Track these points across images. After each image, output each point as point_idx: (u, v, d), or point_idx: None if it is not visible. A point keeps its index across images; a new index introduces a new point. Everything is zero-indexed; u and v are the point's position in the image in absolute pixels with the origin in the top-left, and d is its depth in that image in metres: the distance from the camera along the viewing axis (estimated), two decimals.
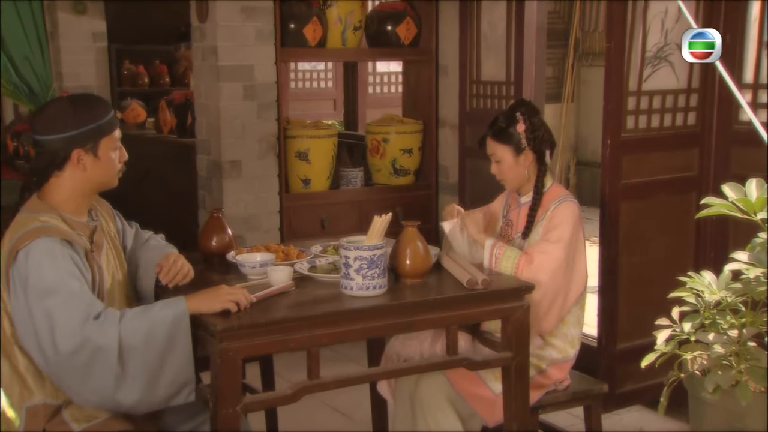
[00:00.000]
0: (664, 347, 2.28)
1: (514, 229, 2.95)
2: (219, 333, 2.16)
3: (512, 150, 2.87)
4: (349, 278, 2.41)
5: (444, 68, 4.75)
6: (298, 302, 2.40)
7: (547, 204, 2.87)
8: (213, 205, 4.38)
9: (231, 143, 4.35)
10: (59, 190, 2.30)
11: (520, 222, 2.92)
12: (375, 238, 2.46)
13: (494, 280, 2.57)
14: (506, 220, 3.01)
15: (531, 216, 2.88)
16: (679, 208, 3.57)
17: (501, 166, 2.91)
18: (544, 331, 2.81)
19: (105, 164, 2.32)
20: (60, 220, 2.25)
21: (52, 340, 2.10)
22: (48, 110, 2.31)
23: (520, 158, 2.87)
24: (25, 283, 2.14)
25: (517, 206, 2.97)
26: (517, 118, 2.87)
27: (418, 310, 2.44)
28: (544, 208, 2.86)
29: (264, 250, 2.80)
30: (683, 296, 2.30)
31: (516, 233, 2.93)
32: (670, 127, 3.58)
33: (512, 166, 2.89)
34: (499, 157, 2.90)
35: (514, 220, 2.97)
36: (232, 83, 4.29)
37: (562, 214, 2.82)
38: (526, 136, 2.86)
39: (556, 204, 2.85)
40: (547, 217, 2.84)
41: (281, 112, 4.43)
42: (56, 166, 2.28)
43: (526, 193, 2.94)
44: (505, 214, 3.04)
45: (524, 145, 2.86)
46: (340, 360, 3.98)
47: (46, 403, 2.21)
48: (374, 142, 4.89)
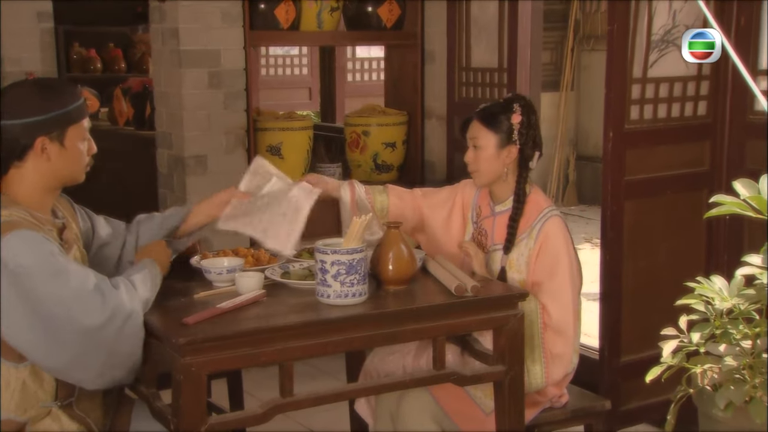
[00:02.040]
0: (671, 360, 2.29)
1: (490, 239, 2.93)
2: (181, 347, 2.16)
3: (498, 139, 2.85)
4: (325, 285, 2.41)
5: (430, 54, 4.77)
6: (269, 312, 2.41)
7: (529, 216, 2.85)
8: (175, 204, 4.37)
9: (195, 136, 4.34)
10: (20, 183, 2.28)
11: (497, 233, 2.90)
12: (354, 240, 2.46)
13: (485, 287, 2.59)
14: (478, 228, 2.98)
15: (512, 227, 2.85)
16: (688, 207, 3.60)
17: (478, 154, 2.87)
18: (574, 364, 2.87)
19: (72, 155, 2.31)
20: (28, 215, 2.24)
21: (71, 319, 2.14)
22: (9, 93, 2.29)
23: (503, 152, 2.85)
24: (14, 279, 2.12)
25: (492, 214, 2.94)
26: (514, 108, 2.86)
27: (402, 320, 2.45)
28: (527, 222, 2.85)
29: (232, 255, 2.81)
30: (691, 304, 2.31)
31: (492, 245, 2.92)
32: (678, 118, 3.61)
33: (491, 158, 2.86)
34: (480, 143, 2.86)
35: (488, 229, 2.94)
36: (195, 70, 4.28)
37: (554, 240, 2.79)
38: (519, 130, 2.85)
39: (540, 221, 2.82)
40: (534, 239, 2.81)
41: (251, 102, 4.43)
42: (17, 155, 2.26)
43: (501, 201, 2.91)
44: (475, 219, 3.01)
45: (514, 138, 2.84)
46: (316, 376, 3.98)
47: (10, 418, 2.22)
48: (354, 135, 4.90)
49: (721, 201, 2.29)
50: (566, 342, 2.79)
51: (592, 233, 7.24)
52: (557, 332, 2.78)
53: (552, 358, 2.79)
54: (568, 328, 2.79)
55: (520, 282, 2.82)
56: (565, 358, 2.80)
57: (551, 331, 2.78)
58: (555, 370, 2.80)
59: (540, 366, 2.79)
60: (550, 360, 2.79)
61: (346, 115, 5.14)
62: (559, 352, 2.79)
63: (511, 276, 2.84)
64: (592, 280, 3.47)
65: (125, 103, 5.85)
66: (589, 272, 2.94)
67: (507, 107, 2.87)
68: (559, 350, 2.79)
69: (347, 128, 4.96)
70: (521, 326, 2.57)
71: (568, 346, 2.80)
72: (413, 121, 4.90)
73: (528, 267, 2.82)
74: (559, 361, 2.80)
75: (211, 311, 2.33)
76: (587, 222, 7.97)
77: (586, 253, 6.62)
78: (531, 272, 2.81)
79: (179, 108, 4.33)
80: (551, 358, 2.79)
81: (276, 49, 9.54)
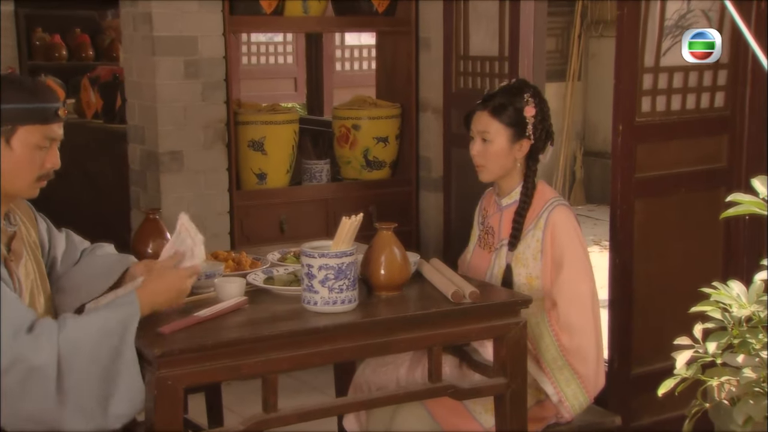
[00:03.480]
0: (685, 372, 2.30)
1: (497, 237, 2.96)
2: (156, 358, 2.17)
3: (512, 133, 2.87)
4: (312, 291, 2.42)
5: (425, 41, 4.78)
6: (251, 320, 2.41)
7: (534, 208, 2.88)
8: (148, 204, 4.37)
9: (170, 131, 4.34)
10: None
11: (504, 228, 2.93)
12: (343, 243, 2.47)
13: (485, 293, 2.60)
14: (485, 228, 3.01)
15: (518, 222, 2.88)
16: (704, 207, 3.61)
17: (489, 149, 2.88)
18: (600, 388, 2.87)
19: (16, 160, 2.23)
20: None
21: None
22: None
23: (516, 146, 2.89)
24: None
25: (498, 210, 2.97)
26: (525, 99, 2.88)
27: (395, 329, 2.46)
28: (533, 214, 2.88)
29: (211, 259, 2.81)
30: (707, 311, 2.32)
31: (499, 242, 2.94)
32: (693, 110, 3.62)
33: (503, 152, 2.88)
34: (491, 137, 2.87)
35: (495, 226, 2.97)
36: (170, 58, 4.28)
37: (563, 230, 2.82)
38: (534, 124, 2.87)
39: (546, 210, 2.86)
40: (541, 229, 2.83)
41: (230, 94, 4.43)
42: None
43: (507, 193, 2.95)
44: (482, 221, 3.04)
45: (528, 132, 2.88)
46: (301, 389, 3.98)
47: None
48: (343, 129, 4.90)
49: (738, 200, 2.30)
50: (584, 336, 2.81)
51: (601, 235, 7.26)
52: (569, 330, 2.79)
53: (575, 360, 2.80)
54: (583, 323, 2.80)
55: (527, 278, 2.84)
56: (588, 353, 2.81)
57: (565, 334, 2.80)
58: (585, 371, 2.81)
59: (575, 384, 2.81)
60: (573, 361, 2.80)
61: (335, 108, 5.15)
62: (575, 346, 2.80)
63: (517, 272, 2.86)
64: (600, 286, 3.48)
65: (93, 94, 5.84)
66: (598, 277, 2.96)
67: (517, 97, 2.88)
68: (576, 344, 2.80)
69: (336, 122, 4.97)
70: (524, 335, 2.58)
71: (588, 339, 2.81)
72: (407, 114, 4.91)
73: (536, 260, 2.84)
74: (582, 359, 2.81)
75: (189, 320, 2.33)
76: (595, 223, 7.99)
77: (594, 257, 6.58)
78: (544, 265, 2.83)
79: (153, 100, 4.33)
80: (574, 360, 2.80)
81: (258, 36, 9.54)
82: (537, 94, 2.92)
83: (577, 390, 2.82)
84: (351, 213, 2.54)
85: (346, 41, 9.74)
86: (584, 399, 2.84)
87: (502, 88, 2.97)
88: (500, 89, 2.96)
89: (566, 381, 2.81)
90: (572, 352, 2.81)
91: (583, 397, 2.83)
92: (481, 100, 2.94)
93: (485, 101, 2.92)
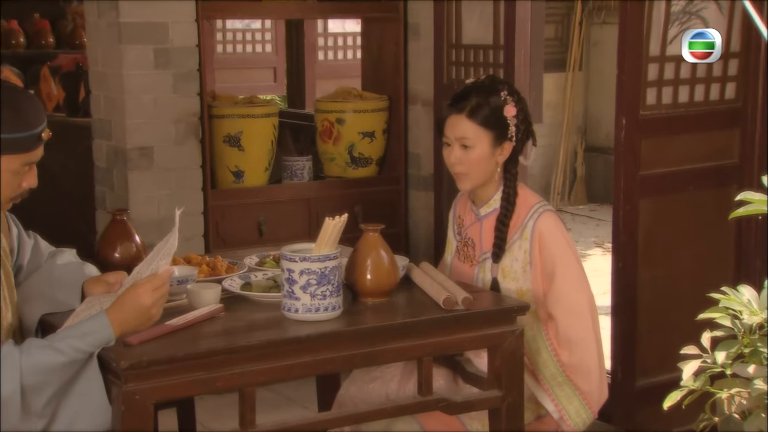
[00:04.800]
0: (692, 383, 2.31)
1: (479, 249, 2.93)
2: (123, 371, 2.16)
3: (493, 137, 2.83)
4: (293, 298, 2.43)
5: (415, 28, 4.79)
6: (227, 329, 2.42)
7: (517, 216, 2.86)
8: (115, 205, 4.37)
9: (138, 125, 4.33)
10: None
11: (485, 239, 2.91)
12: (327, 246, 2.48)
13: (479, 299, 2.61)
14: (463, 239, 2.98)
15: (501, 231, 2.86)
16: (713, 206, 3.63)
17: (470, 155, 2.83)
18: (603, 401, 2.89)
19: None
20: None
21: None
22: None
23: (497, 150, 2.84)
24: None
25: (477, 219, 2.94)
26: (502, 97, 2.84)
27: (383, 338, 2.46)
28: (517, 222, 2.86)
29: (184, 264, 2.81)
30: (715, 318, 2.33)
31: (482, 254, 2.92)
32: (702, 102, 3.64)
33: (484, 159, 2.84)
34: (471, 142, 2.82)
35: (475, 238, 2.94)
36: (138, 46, 4.28)
37: (551, 238, 2.81)
38: (516, 125, 2.84)
39: (531, 218, 2.83)
40: (528, 239, 2.81)
41: (204, 85, 4.43)
42: None
43: (485, 201, 2.91)
44: (458, 230, 3.02)
45: (510, 134, 2.85)
46: (281, 404, 3.99)
47: None
48: (326, 123, 4.91)
49: (750, 199, 2.31)
50: (584, 350, 2.81)
51: (604, 236, 7.29)
52: (569, 345, 2.80)
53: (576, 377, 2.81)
54: (582, 336, 2.81)
55: (517, 292, 2.84)
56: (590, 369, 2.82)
57: (564, 350, 2.81)
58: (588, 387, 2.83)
59: (577, 400, 2.82)
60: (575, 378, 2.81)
61: (317, 100, 5.15)
62: (576, 361, 2.81)
63: (506, 287, 2.86)
64: (603, 291, 3.50)
65: (54, 85, 5.84)
66: (600, 282, 2.98)
67: (492, 96, 2.84)
68: (577, 360, 2.81)
69: (318, 115, 4.97)
70: (520, 345, 2.59)
71: (589, 353, 2.82)
72: (395, 106, 4.92)
73: (526, 273, 2.84)
74: (584, 376, 2.83)
75: (159, 329, 2.33)
76: (598, 224, 8.02)
77: (596, 260, 6.67)
78: (534, 277, 2.83)
79: (119, 91, 4.32)
80: (576, 376, 2.81)
81: (234, 23, 9.53)
82: (513, 90, 2.88)
83: (579, 407, 2.83)
84: (335, 213, 2.54)
85: (330, 28, 9.74)
86: (587, 415, 2.85)
87: (473, 86, 2.90)
88: (470, 88, 2.88)
89: (568, 398, 2.82)
90: (573, 369, 2.81)
91: (586, 414, 2.84)
92: (450, 102, 2.88)
93: (457, 103, 2.86)
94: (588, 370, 2.82)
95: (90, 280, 2.56)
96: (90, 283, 2.54)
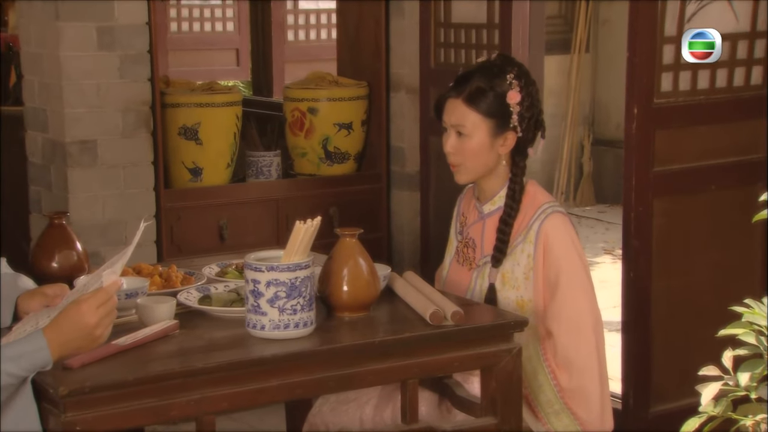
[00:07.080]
0: (713, 409, 2.33)
1: (479, 251, 2.95)
2: (62, 398, 2.16)
3: (493, 124, 2.86)
4: (259, 313, 2.43)
5: (398, 6, 4.80)
6: (183, 350, 2.42)
7: (523, 215, 2.88)
8: (53, 207, 4.36)
9: (80, 115, 4.33)
10: None
11: (487, 241, 2.93)
12: (297, 253, 2.48)
13: (470, 313, 2.62)
14: (464, 239, 3.01)
15: (503, 232, 2.87)
16: (737, 207, 3.64)
17: (465, 144, 2.86)
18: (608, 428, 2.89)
19: None
20: None
21: None
22: None
23: (498, 140, 2.86)
24: None
25: (480, 218, 2.97)
26: (508, 81, 2.86)
27: (361, 358, 2.46)
28: (522, 223, 2.88)
29: (133, 274, 2.81)
30: (738, 335, 2.35)
31: (482, 257, 2.94)
32: (724, 89, 3.66)
33: (482, 148, 2.86)
34: (468, 130, 2.85)
35: (476, 238, 2.96)
36: (79, 24, 4.27)
37: (558, 242, 2.82)
38: (519, 112, 2.86)
39: (537, 219, 2.85)
40: (533, 243, 2.83)
41: (156, 69, 4.43)
42: None
43: (490, 198, 2.94)
44: (460, 229, 3.04)
45: (513, 124, 2.86)
46: None
47: None
48: (296, 113, 4.91)
49: None
50: (586, 374, 2.82)
51: (614, 242, 7.32)
52: (569, 367, 2.81)
53: (575, 403, 2.83)
54: (584, 358, 2.82)
55: (517, 302, 2.85)
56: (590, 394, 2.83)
57: (563, 372, 2.82)
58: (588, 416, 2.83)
59: (566, 415, 2.83)
60: (573, 404, 2.83)
61: (286, 87, 5.16)
62: (576, 386, 2.82)
63: (504, 295, 2.87)
64: (613, 305, 3.52)
65: None
66: (609, 294, 2.98)
67: (497, 78, 2.86)
68: (576, 384, 2.82)
69: (288, 104, 4.98)
70: (518, 365, 2.60)
71: (591, 378, 2.83)
72: (375, 94, 4.93)
73: (528, 280, 2.85)
74: (583, 402, 2.83)
75: (104, 350, 2.33)
76: (607, 227, 8.05)
77: (605, 269, 6.69)
78: (535, 285, 2.84)
79: (57, 76, 4.31)
80: (574, 403, 2.83)
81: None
82: (522, 73, 2.89)
83: (570, 426, 2.84)
84: (306, 216, 2.55)
85: (300, 5, 9.75)
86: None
87: (479, 66, 2.93)
88: (476, 68, 2.92)
89: (565, 428, 2.83)
90: (572, 394, 2.82)
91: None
92: (453, 83, 2.91)
93: (458, 85, 2.88)
94: (588, 396, 2.83)
95: (25, 294, 2.55)
96: (25, 298, 2.53)
